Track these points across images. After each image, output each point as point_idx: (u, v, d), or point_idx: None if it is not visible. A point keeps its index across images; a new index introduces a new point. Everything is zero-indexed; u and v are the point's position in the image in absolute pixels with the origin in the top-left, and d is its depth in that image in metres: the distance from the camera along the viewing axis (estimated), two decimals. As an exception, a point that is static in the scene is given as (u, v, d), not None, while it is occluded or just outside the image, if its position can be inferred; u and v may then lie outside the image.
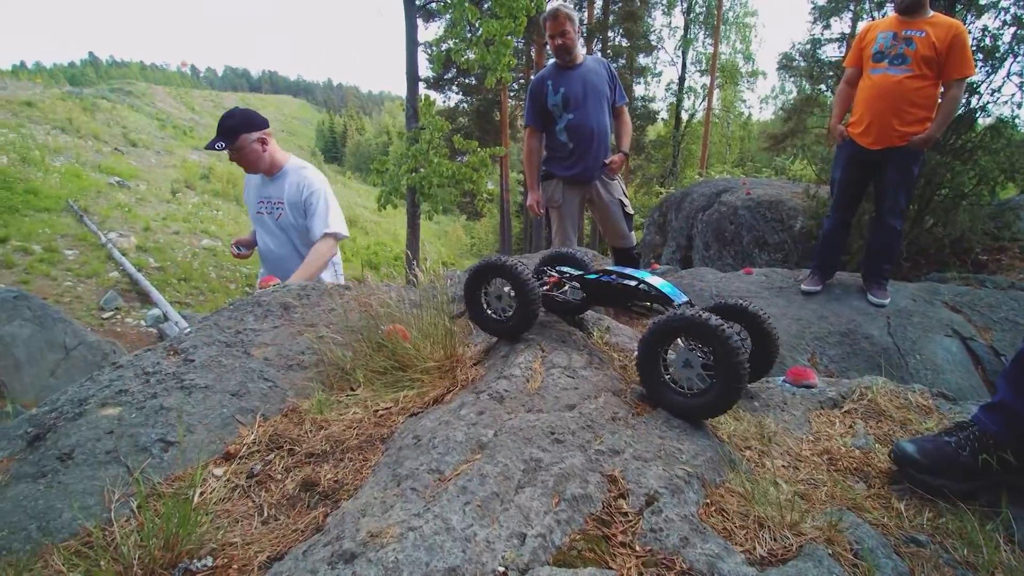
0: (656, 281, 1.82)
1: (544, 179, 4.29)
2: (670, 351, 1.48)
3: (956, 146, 5.68)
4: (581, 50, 4.14)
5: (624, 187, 4.34)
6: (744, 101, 29.01)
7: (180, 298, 13.08)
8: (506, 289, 1.76)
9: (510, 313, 1.75)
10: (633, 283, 1.83)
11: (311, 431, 1.36)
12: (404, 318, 1.84)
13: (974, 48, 5.32)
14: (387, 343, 1.72)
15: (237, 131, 3.01)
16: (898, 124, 3.55)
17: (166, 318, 11.17)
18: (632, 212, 4.34)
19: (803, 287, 4.66)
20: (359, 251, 23.75)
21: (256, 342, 1.70)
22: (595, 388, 1.49)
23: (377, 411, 1.47)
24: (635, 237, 4.46)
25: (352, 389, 1.60)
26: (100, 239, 13.53)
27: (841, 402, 1.93)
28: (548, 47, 4.29)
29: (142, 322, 10.99)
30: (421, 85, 10.52)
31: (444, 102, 22.90)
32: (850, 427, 1.77)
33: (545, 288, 1.95)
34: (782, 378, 2.06)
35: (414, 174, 9.96)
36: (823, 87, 22.37)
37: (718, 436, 1.47)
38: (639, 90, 27.73)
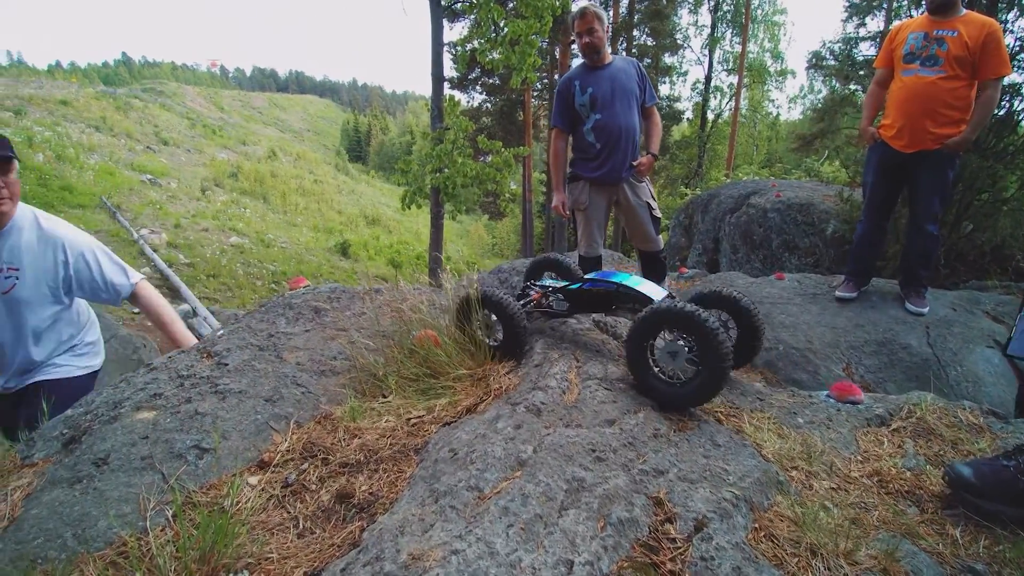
0: (634, 282, 1.89)
1: (570, 180, 4.23)
2: (656, 343, 1.52)
3: (998, 149, 5.46)
4: (609, 50, 4.07)
5: (652, 189, 4.26)
6: (773, 101, 28.46)
7: (209, 294, 13.32)
8: (493, 318, 1.85)
9: (500, 338, 1.83)
10: (612, 287, 1.90)
11: (344, 439, 1.34)
12: (435, 324, 1.82)
13: (1019, 47, 5.10)
14: (419, 349, 1.70)
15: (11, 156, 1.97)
16: (932, 126, 3.43)
17: (195, 314, 11.38)
18: (659, 215, 4.25)
19: (838, 294, 4.52)
20: (382, 249, 23.92)
21: (288, 346, 1.69)
22: (634, 402, 1.44)
23: (410, 419, 1.44)
24: (662, 240, 4.37)
25: (384, 396, 1.58)
26: (132, 235, 13.85)
27: (888, 420, 1.85)
28: (575, 46, 4.23)
29: (171, 317, 11.20)
30: (445, 85, 10.52)
31: (468, 102, 22.93)
32: (899, 447, 1.69)
33: (531, 305, 2.04)
34: (826, 392, 1.97)
35: (438, 174, 9.96)
36: (856, 87, 21.83)
37: (763, 455, 1.41)
38: (664, 89, 27.40)
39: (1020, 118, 5.48)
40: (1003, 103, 5.10)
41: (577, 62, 4.05)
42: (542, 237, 26.70)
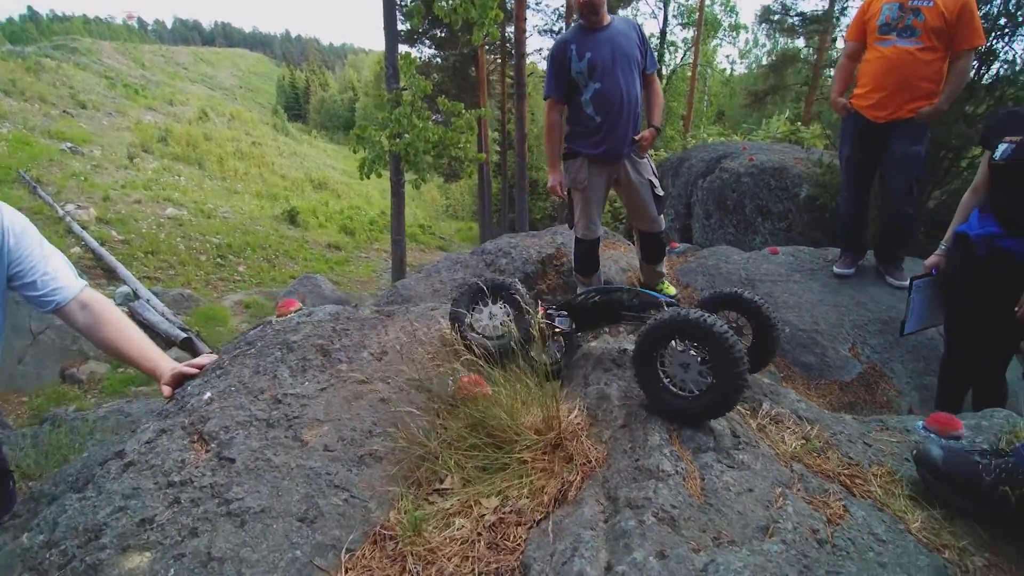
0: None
1: (567, 157, 3.86)
2: (667, 354, 1.41)
3: (976, 115, 5.45)
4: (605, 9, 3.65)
5: (654, 166, 3.95)
6: (728, 57, 28.37)
7: (149, 273, 12.32)
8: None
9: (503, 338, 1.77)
10: (616, 294, 1.88)
11: (417, 569, 1.01)
12: (475, 359, 1.48)
13: (998, 13, 5.07)
14: (469, 407, 1.37)
15: None
16: (908, 98, 3.41)
17: (136, 296, 10.49)
18: (662, 193, 3.97)
19: (836, 270, 4.47)
20: (333, 216, 22.81)
21: (305, 419, 1.31)
22: (767, 482, 1.16)
23: (484, 517, 1.12)
24: (663, 220, 4.11)
25: (441, 481, 1.25)
26: (57, 212, 12.54)
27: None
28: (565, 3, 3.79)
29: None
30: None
31: (417, 57, 21.66)
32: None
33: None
34: (922, 424, 1.77)
35: (398, 140, 9.29)
36: (799, 42, 21.97)
37: (922, 541, 1.16)
38: (618, 44, 26.72)
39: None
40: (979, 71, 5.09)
41: (575, 24, 3.64)
42: (498, 198, 26.12)
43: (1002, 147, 2.23)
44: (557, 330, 1.91)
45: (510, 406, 1.35)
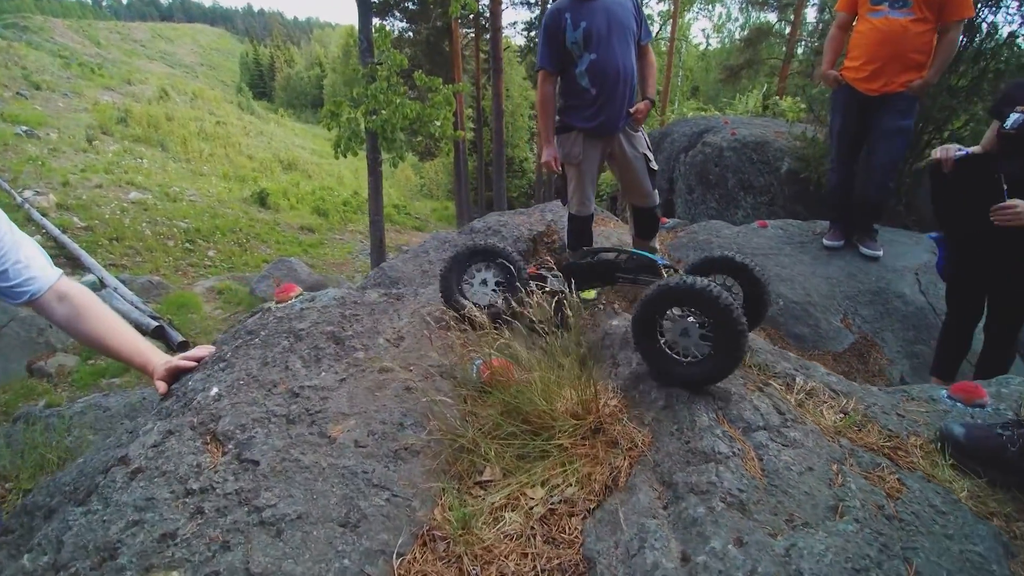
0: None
1: (560, 131, 3.74)
2: (666, 320, 1.42)
3: (959, 87, 5.49)
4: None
5: (648, 139, 3.87)
6: (704, 31, 28.27)
7: (114, 260, 11.83)
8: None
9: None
10: (613, 255, 1.95)
11: (475, 571, 0.93)
12: (497, 340, 1.40)
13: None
14: (501, 392, 1.29)
15: None
16: (900, 69, 3.40)
17: (103, 284, 10.06)
18: (656, 167, 3.90)
19: (825, 242, 4.50)
20: (304, 197, 22.22)
21: (328, 412, 1.21)
22: (822, 459, 1.12)
23: (534, 510, 1.05)
24: (657, 195, 4.05)
25: (480, 472, 1.17)
26: (15, 199, 11.90)
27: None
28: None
29: (75, 291, 9.84)
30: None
31: (392, 31, 20.97)
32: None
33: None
34: (946, 393, 1.75)
35: (373, 117, 8.99)
36: (771, 16, 21.95)
37: (975, 512, 1.14)
38: (591, 18, 26.32)
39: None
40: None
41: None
42: (473, 176, 25.78)
43: (1013, 116, 2.22)
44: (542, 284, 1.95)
45: (544, 390, 1.28)
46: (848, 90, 3.63)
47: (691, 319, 1.36)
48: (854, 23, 3.69)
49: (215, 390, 1.31)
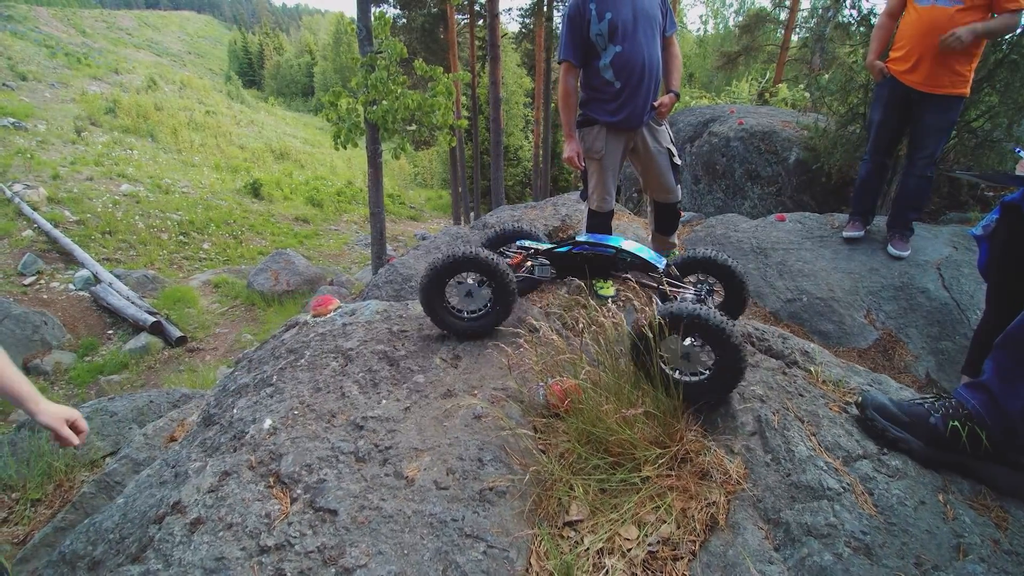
0: (632, 246, 1.93)
1: (582, 125, 3.64)
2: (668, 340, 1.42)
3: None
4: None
5: (671, 134, 3.77)
6: (701, 17, 28.03)
7: (108, 254, 11.62)
8: (472, 281, 1.73)
9: (484, 309, 1.70)
10: (611, 252, 1.92)
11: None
12: (560, 357, 1.31)
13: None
14: (577, 419, 1.20)
15: None
16: (945, 61, 3.29)
17: (98, 280, 9.88)
18: (680, 162, 3.80)
19: (845, 234, 4.44)
20: (298, 187, 21.96)
21: (400, 448, 1.11)
22: (928, 489, 1.05)
23: (632, 553, 0.97)
24: (680, 190, 3.96)
25: (567, 511, 1.08)
26: (5, 193, 11.63)
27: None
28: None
29: (70, 286, 9.68)
30: None
31: (388, 17, 20.53)
32: None
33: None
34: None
35: (374, 107, 8.80)
36: (766, 2, 21.70)
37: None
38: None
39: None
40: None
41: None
42: (469, 165, 25.53)
43: None
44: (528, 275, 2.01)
45: (623, 417, 1.19)
46: (892, 82, 3.53)
47: (691, 341, 1.40)
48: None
49: (268, 422, 1.21)
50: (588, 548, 1.00)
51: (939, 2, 3.24)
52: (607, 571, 0.95)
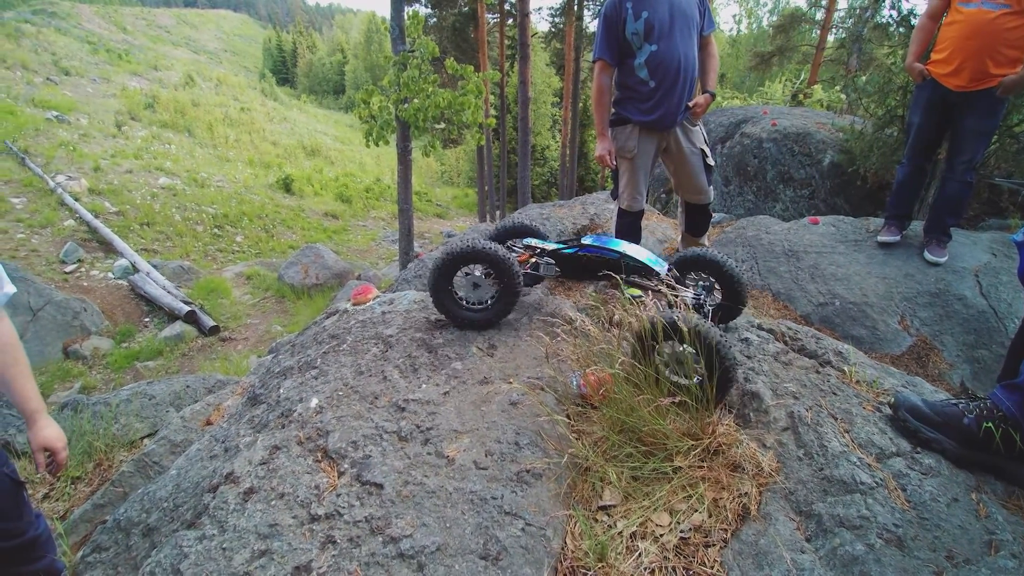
0: (635, 251, 1.98)
1: (614, 124, 3.64)
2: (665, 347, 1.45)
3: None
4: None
5: (705, 134, 3.74)
6: (735, 16, 27.65)
7: (145, 245, 12.00)
8: (478, 274, 1.77)
9: (490, 301, 1.74)
10: (614, 256, 1.97)
11: (619, 609, 0.89)
12: (595, 348, 1.34)
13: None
14: (611, 409, 1.23)
15: None
16: (991, 66, 3.19)
17: (136, 269, 10.22)
18: (713, 163, 3.78)
19: (880, 238, 4.34)
20: (328, 183, 22.33)
21: (441, 430, 1.17)
22: (961, 488, 1.05)
23: (664, 538, 1.00)
24: (712, 191, 3.94)
25: (600, 496, 1.12)
26: (48, 183, 12.10)
27: None
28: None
29: (110, 274, 10.02)
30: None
31: (421, 16, 20.73)
32: None
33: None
34: None
35: (406, 105, 8.92)
36: (801, 2, 21.24)
37: None
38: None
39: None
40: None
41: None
42: (496, 164, 25.64)
43: None
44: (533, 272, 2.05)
45: (656, 407, 1.22)
46: (932, 85, 3.46)
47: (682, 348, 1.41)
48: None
49: (315, 401, 1.27)
50: (622, 532, 1.03)
51: (985, 5, 3.15)
52: (640, 554, 0.98)
